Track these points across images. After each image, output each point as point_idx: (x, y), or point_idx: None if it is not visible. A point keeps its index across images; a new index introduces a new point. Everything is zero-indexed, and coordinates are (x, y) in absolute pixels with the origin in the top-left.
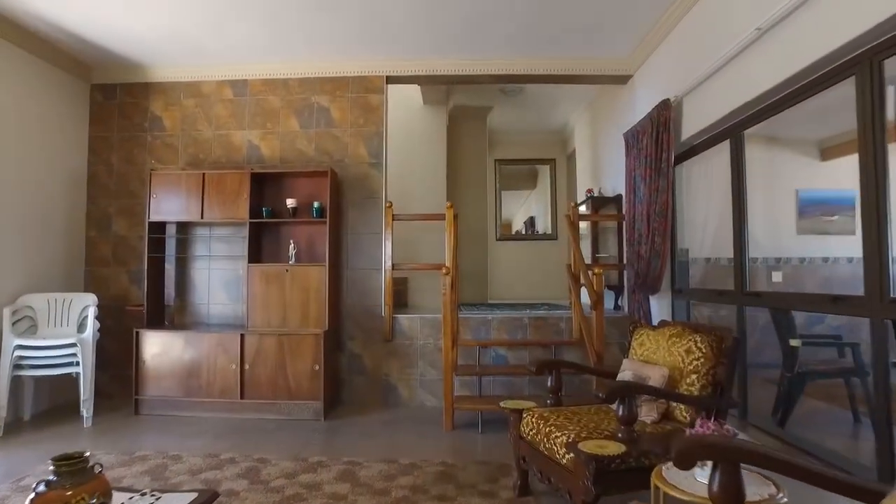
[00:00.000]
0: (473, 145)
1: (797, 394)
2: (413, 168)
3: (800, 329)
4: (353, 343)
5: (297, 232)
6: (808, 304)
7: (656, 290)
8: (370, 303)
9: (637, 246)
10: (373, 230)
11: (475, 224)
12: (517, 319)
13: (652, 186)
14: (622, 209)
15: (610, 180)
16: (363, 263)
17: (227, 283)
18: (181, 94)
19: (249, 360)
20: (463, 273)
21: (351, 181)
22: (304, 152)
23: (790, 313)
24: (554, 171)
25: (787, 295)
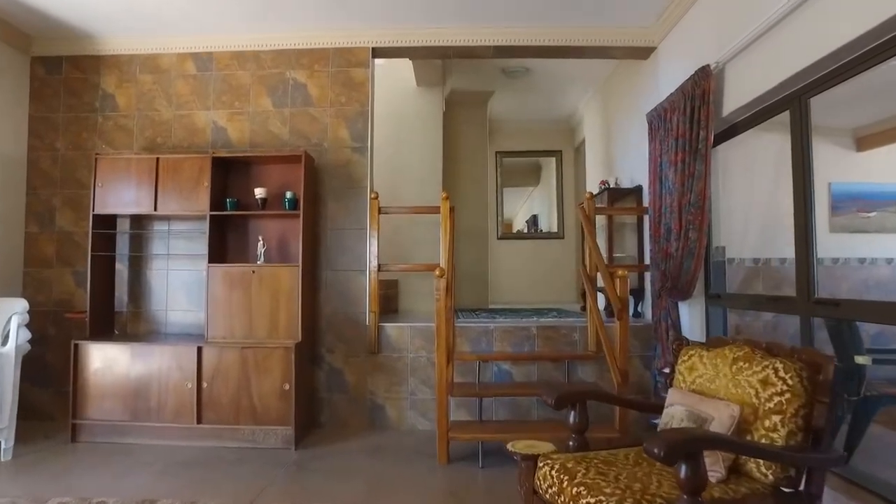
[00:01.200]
0: (473, 135)
1: (864, 422)
2: (405, 158)
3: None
4: (333, 357)
5: (268, 227)
6: None
7: (688, 294)
8: (352, 310)
9: (664, 243)
10: (356, 225)
11: (474, 221)
12: (523, 329)
13: (685, 172)
14: (643, 202)
15: (627, 170)
16: (345, 264)
17: (189, 287)
18: (136, 68)
19: (208, 378)
20: (461, 275)
21: (331, 168)
22: (277, 135)
23: (854, 325)
24: (560, 164)
25: (878, 305)
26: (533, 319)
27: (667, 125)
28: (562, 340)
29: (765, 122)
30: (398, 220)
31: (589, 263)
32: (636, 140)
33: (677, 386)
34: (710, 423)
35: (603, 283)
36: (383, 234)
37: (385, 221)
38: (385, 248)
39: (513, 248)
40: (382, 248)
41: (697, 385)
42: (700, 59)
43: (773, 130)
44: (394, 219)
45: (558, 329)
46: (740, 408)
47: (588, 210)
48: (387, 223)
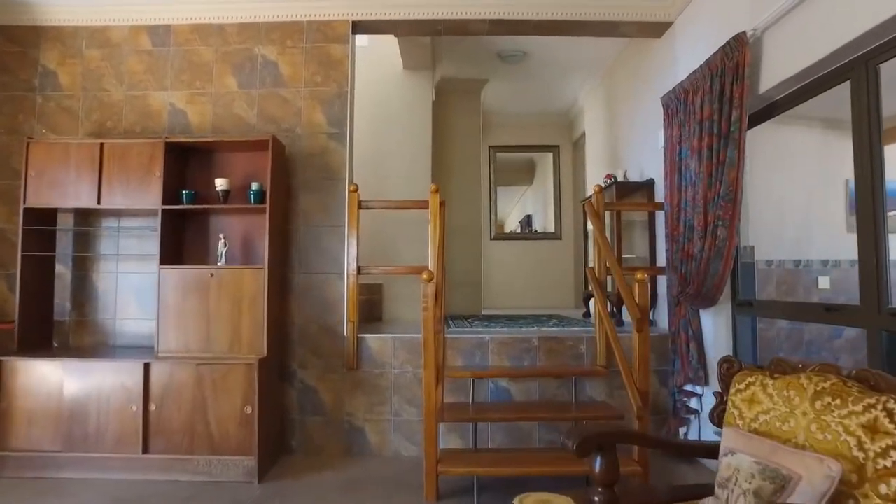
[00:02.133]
0: (465, 126)
1: None
2: (390, 149)
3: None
4: (306, 373)
5: (231, 224)
6: None
7: (713, 301)
8: (328, 319)
9: (685, 242)
10: (333, 222)
11: (466, 219)
12: (523, 340)
13: (713, 160)
14: (655, 196)
15: (636, 162)
16: (320, 266)
17: (142, 292)
18: (83, 42)
19: (157, 399)
20: (452, 278)
21: (304, 157)
22: (243, 119)
23: None
24: (558, 160)
25: None
26: (533, 329)
27: (688, 108)
28: (567, 353)
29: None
30: (382, 217)
31: (598, 265)
32: (647, 129)
33: (732, 423)
34: (795, 483)
35: (614, 289)
36: (365, 232)
37: (367, 218)
38: (367, 249)
39: (507, 250)
40: (364, 249)
41: (763, 425)
42: (731, 27)
43: (823, 105)
44: (377, 216)
45: (562, 340)
46: (839, 465)
47: (596, 205)
48: (369, 221)
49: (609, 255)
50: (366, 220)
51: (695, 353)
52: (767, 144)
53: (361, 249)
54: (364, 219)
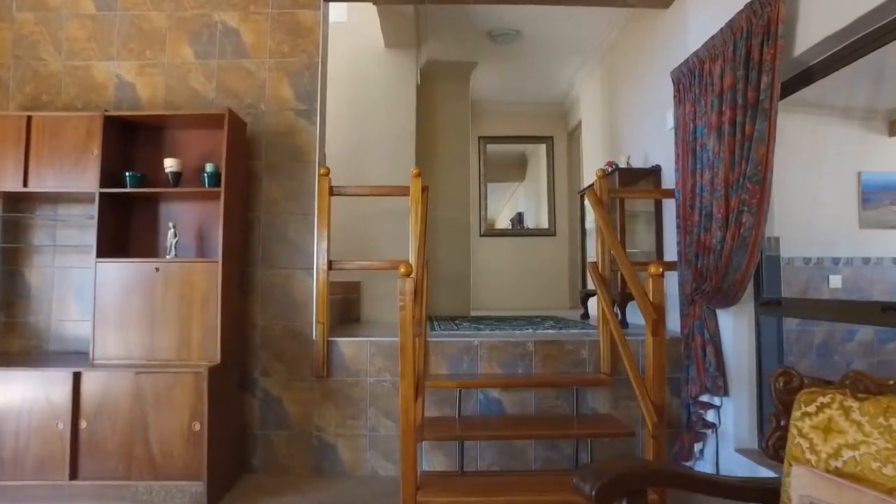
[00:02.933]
0: (453, 114)
1: None
2: (370, 137)
3: None
4: (269, 381)
5: (184, 211)
6: None
7: (735, 300)
8: (295, 320)
9: (700, 233)
10: (301, 210)
11: (455, 214)
12: (517, 344)
13: (736, 137)
14: (661, 184)
15: (640, 148)
16: (285, 260)
17: (82, 290)
18: (13, 3)
19: (88, 415)
20: (438, 276)
21: (269, 136)
22: (200, 93)
23: None
24: (552, 152)
25: None
26: (528, 331)
27: (703, 80)
28: (566, 359)
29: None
30: (361, 209)
31: (600, 259)
32: (653, 110)
33: (800, 458)
34: None
35: (617, 286)
36: (342, 227)
37: (344, 212)
38: (344, 244)
39: (498, 247)
40: (340, 244)
41: (851, 465)
42: None
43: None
44: (355, 209)
45: (561, 344)
46: None
47: (599, 192)
48: (346, 214)
49: (616, 247)
50: (342, 213)
51: (712, 360)
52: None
53: (337, 245)
54: (340, 212)
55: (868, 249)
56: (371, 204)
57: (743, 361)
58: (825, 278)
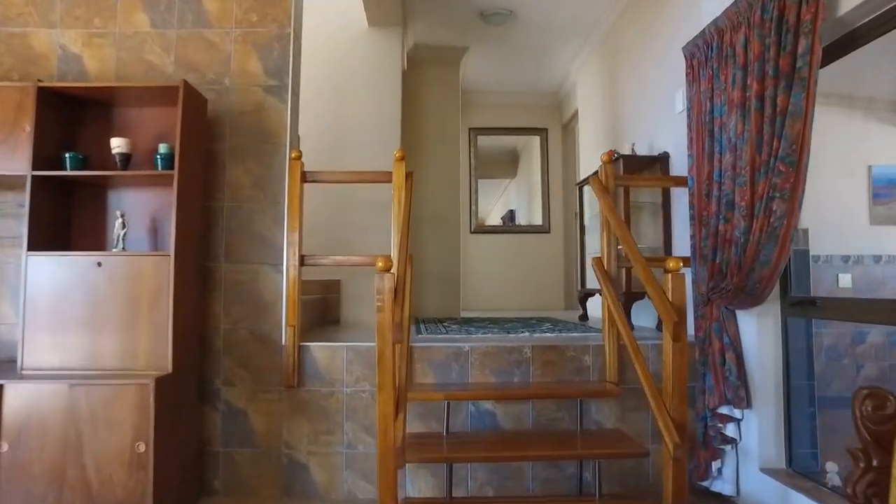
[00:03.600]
0: (442, 103)
1: None
2: (351, 123)
3: None
4: (233, 392)
5: (134, 199)
6: None
7: (760, 299)
8: (262, 322)
9: (720, 224)
10: (269, 198)
11: (443, 208)
12: (513, 350)
13: (765, 112)
14: (671, 172)
15: (645, 135)
16: (252, 254)
17: (18, 288)
18: None
19: (11, 435)
20: (426, 275)
21: (234, 116)
22: (157, 67)
23: None
24: (546, 145)
25: None
26: (524, 335)
27: (724, 52)
28: (568, 366)
29: None
30: (340, 198)
31: (606, 254)
32: (660, 92)
33: None
34: None
35: (622, 284)
36: (318, 217)
37: (319, 199)
38: (321, 236)
39: (489, 245)
40: (317, 236)
41: None
42: None
43: None
44: (334, 197)
45: (562, 350)
46: None
47: (605, 179)
48: (322, 202)
49: (626, 239)
50: (319, 204)
51: (733, 367)
52: None
53: (313, 239)
54: (317, 202)
55: (880, 247)
56: (352, 194)
57: (768, 369)
58: (835, 277)
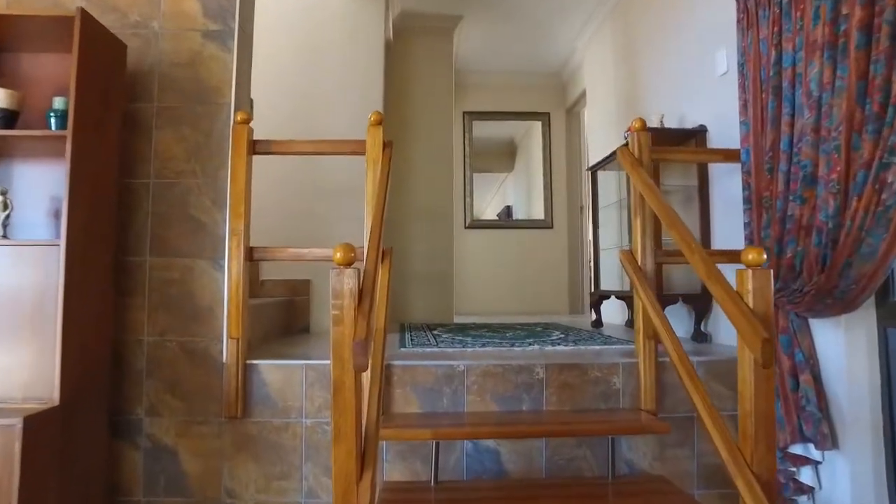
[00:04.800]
0: (433, 81)
1: None
2: (324, 99)
3: None
4: (159, 424)
5: (27, 172)
6: None
7: (854, 304)
8: (198, 334)
9: (792, 206)
10: (209, 173)
11: (434, 200)
12: (520, 369)
13: (873, 51)
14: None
15: (673, 108)
16: (185, 245)
17: None
18: None
19: None
20: (413, 274)
21: (165, 68)
22: (61, 4)
23: None
24: (548, 131)
25: None
26: (532, 349)
27: None
28: (592, 390)
29: None
30: (310, 185)
31: (640, 246)
32: (692, 56)
33: None
34: None
35: (633, 281)
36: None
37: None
38: (287, 227)
39: (486, 241)
40: (282, 227)
41: None
42: None
43: None
44: (303, 183)
45: (585, 369)
46: None
47: (639, 151)
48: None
49: (676, 222)
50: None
51: (811, 393)
52: None
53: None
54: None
55: None
56: (325, 178)
57: (861, 397)
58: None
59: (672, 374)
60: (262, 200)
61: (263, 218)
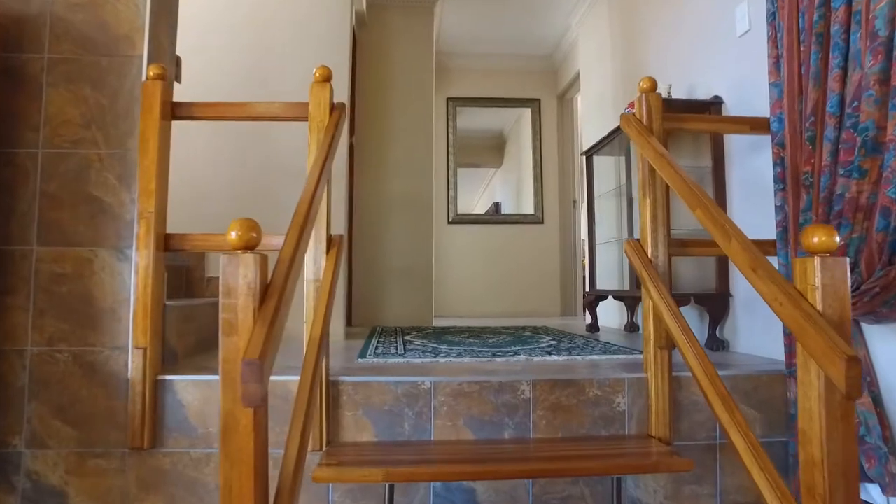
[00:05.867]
0: (411, 61)
1: None
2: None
3: None
4: (43, 459)
5: None
6: None
7: None
8: (97, 342)
9: (845, 182)
10: (113, 144)
11: (412, 189)
12: (502, 386)
13: None
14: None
15: (682, 80)
16: (82, 233)
17: None
18: None
19: None
20: (388, 271)
21: (60, 11)
22: None
23: None
24: (538, 119)
25: None
26: (518, 358)
27: None
28: (591, 413)
29: None
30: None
31: (650, 234)
32: (702, 21)
33: None
34: None
35: (634, 280)
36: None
37: (228, 159)
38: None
39: (471, 237)
40: (229, 215)
41: None
42: None
43: None
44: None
45: (581, 386)
46: None
47: (648, 117)
48: (233, 164)
49: (702, 200)
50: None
51: (871, 422)
52: None
53: (221, 218)
54: (230, 166)
55: None
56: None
57: None
58: None
59: (687, 392)
60: (210, 183)
61: (210, 204)
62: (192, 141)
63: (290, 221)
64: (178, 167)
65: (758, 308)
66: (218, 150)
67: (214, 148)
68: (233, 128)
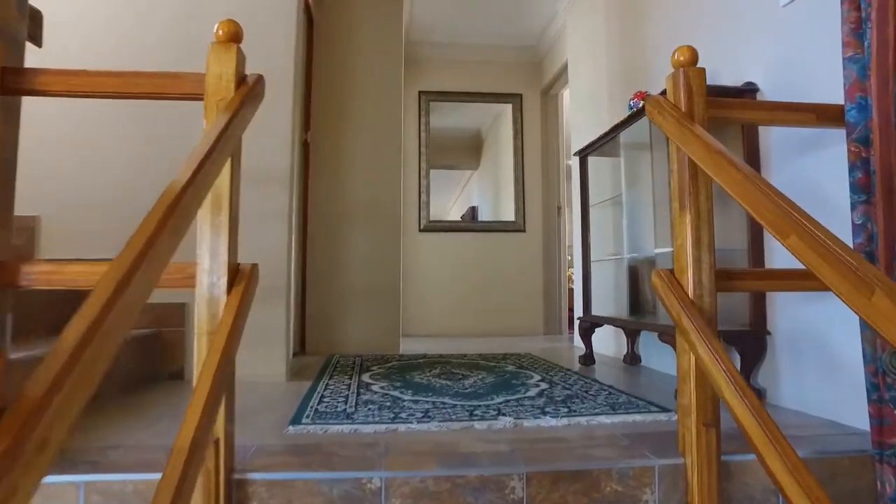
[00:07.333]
0: (377, 52)
1: None
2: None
3: None
4: None
5: None
6: None
7: None
8: None
9: None
10: None
11: (378, 194)
12: (484, 482)
13: None
14: None
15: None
16: None
17: None
18: None
19: None
20: (348, 288)
21: None
22: None
23: None
24: (520, 116)
25: None
26: (503, 423)
27: None
28: None
29: None
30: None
31: (692, 263)
32: None
33: None
34: None
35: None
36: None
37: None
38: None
39: (445, 247)
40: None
41: None
42: None
43: None
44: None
45: (595, 478)
46: None
47: (688, 97)
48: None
49: (800, 224)
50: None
51: None
52: None
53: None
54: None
55: None
56: None
57: None
58: None
59: (740, 483)
60: (118, 188)
61: (112, 215)
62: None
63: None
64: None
65: (808, 350)
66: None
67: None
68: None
